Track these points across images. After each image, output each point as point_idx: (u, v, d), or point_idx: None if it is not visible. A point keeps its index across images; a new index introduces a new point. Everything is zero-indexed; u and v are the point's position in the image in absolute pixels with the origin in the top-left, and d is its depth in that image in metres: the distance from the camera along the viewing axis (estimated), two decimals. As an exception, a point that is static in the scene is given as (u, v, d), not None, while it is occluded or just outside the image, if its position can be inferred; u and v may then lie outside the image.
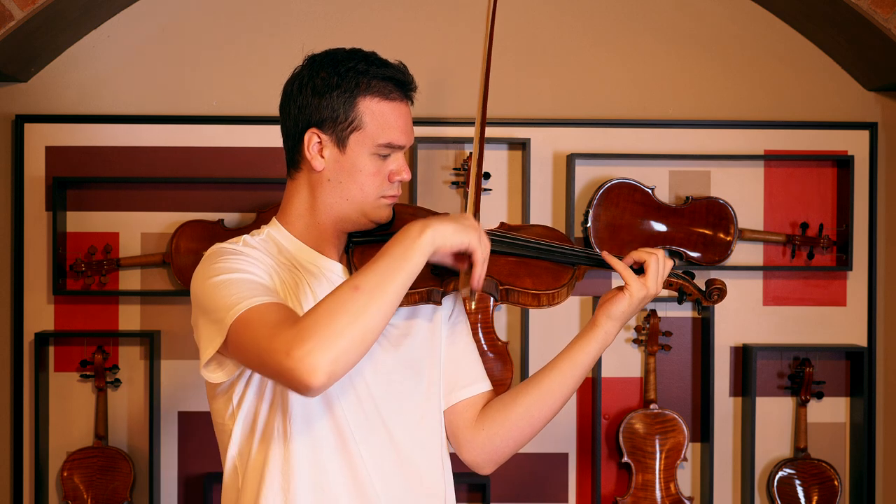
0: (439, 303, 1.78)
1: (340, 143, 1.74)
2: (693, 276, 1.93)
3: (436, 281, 1.77)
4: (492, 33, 2.04)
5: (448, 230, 1.61)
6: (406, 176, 1.78)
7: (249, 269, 1.67)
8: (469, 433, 1.89)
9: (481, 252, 1.64)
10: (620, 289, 1.82)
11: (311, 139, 1.74)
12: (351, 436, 1.72)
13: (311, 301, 1.73)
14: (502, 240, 1.84)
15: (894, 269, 3.40)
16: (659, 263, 1.81)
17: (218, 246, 1.74)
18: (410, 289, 1.74)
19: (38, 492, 3.26)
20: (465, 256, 1.67)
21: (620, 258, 1.84)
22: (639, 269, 1.83)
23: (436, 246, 1.60)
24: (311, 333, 1.50)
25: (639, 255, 1.83)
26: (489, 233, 1.86)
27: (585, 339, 1.84)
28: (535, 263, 1.84)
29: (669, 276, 1.88)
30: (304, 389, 1.51)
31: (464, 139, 3.31)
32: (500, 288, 1.79)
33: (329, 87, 1.72)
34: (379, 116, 1.73)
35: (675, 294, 1.95)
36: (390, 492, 1.74)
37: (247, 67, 3.33)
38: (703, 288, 1.92)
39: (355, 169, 1.74)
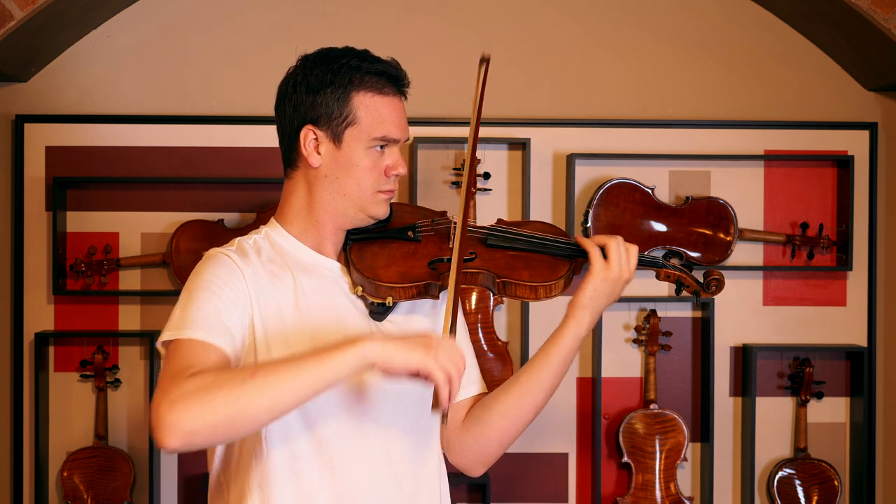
0: (437, 297, 1.78)
1: (336, 138, 1.74)
2: (691, 269, 1.93)
3: (433, 275, 1.76)
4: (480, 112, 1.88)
5: (392, 350, 1.55)
6: (402, 170, 1.78)
7: (219, 293, 1.68)
8: (456, 435, 1.89)
9: (438, 374, 1.55)
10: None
11: (307, 136, 1.75)
12: (336, 443, 1.70)
13: (290, 296, 1.72)
14: (498, 234, 1.85)
15: (894, 269, 3.40)
16: (619, 245, 1.81)
17: (214, 252, 1.77)
18: (407, 283, 1.75)
19: (38, 492, 3.26)
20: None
21: None
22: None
23: (371, 362, 1.55)
24: (186, 398, 1.50)
25: (599, 239, 1.84)
26: (486, 228, 1.87)
27: (558, 333, 1.83)
28: (533, 257, 1.84)
29: (668, 267, 1.89)
30: (158, 443, 1.52)
31: (464, 139, 3.30)
32: (497, 281, 1.79)
33: (323, 83, 1.73)
34: (373, 111, 1.74)
35: (674, 286, 1.94)
36: (382, 495, 1.73)
37: (247, 67, 3.34)
38: (701, 280, 1.92)
39: (351, 164, 1.74)
